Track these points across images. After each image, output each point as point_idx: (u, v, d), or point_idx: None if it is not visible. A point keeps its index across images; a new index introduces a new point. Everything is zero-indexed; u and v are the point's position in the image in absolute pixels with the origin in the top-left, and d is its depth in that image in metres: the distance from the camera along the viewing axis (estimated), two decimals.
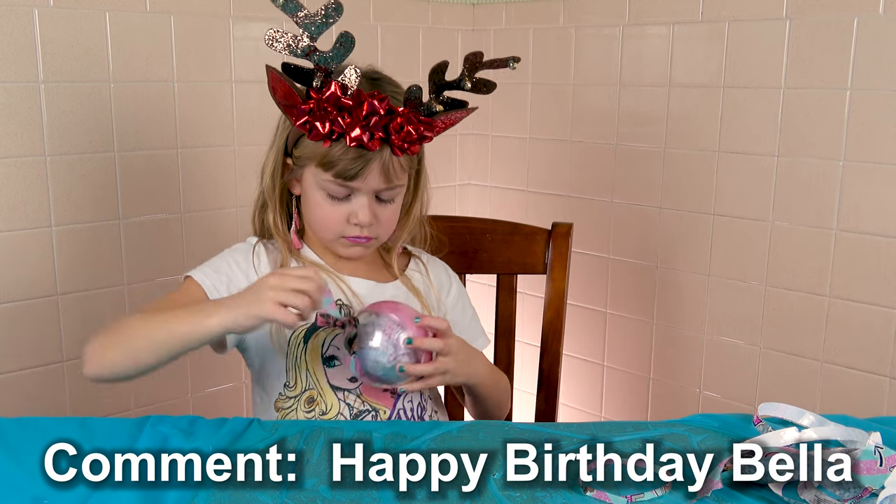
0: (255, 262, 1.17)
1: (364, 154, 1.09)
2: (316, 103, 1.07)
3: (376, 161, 1.09)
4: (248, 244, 1.21)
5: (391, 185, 1.13)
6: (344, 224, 1.14)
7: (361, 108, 1.07)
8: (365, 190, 1.12)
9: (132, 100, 1.61)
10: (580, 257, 2.01)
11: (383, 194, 1.14)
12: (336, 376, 1.16)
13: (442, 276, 1.30)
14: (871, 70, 1.52)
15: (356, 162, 1.09)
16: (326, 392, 1.15)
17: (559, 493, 0.84)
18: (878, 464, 0.84)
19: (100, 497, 0.83)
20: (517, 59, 1.11)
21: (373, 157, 1.09)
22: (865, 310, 1.58)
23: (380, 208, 1.15)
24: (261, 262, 1.17)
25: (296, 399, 1.16)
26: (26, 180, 1.51)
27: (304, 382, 1.16)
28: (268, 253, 1.19)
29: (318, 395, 1.15)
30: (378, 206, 1.15)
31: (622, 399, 2.02)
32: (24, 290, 1.53)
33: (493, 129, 2.19)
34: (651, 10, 1.83)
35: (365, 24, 1.93)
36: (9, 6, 1.45)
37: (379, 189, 1.13)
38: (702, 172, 1.78)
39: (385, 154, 1.10)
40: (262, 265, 1.17)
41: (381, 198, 1.14)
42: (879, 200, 1.54)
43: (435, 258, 1.32)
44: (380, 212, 1.15)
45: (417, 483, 0.86)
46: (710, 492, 0.81)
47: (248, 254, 1.18)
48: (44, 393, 1.57)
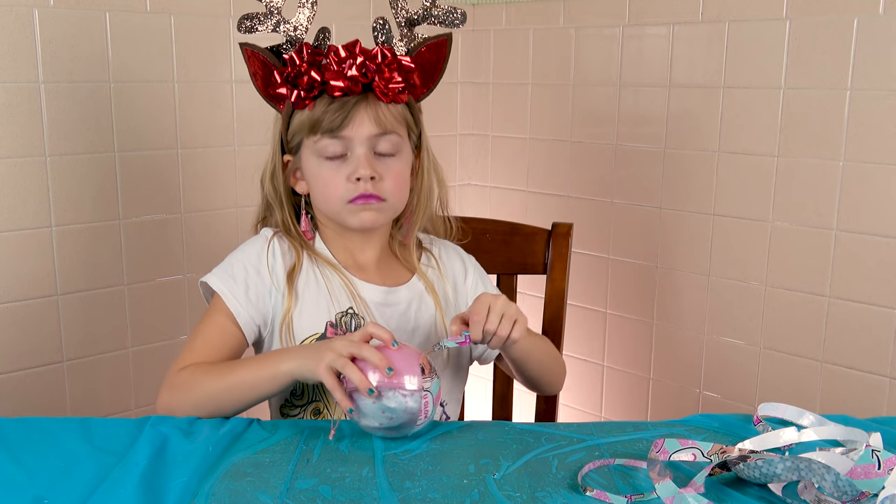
0: (270, 259, 1.15)
1: (346, 102, 1.08)
2: (290, 65, 1.09)
3: (361, 106, 1.09)
4: (262, 238, 1.18)
5: (384, 131, 1.10)
6: (346, 185, 1.11)
7: (335, 57, 1.08)
8: (358, 139, 1.10)
9: (132, 100, 1.61)
10: (580, 257, 2.01)
11: (380, 146, 1.11)
12: None
13: (455, 263, 1.27)
14: (871, 70, 1.52)
15: (340, 111, 1.08)
16: (332, 405, 1.15)
17: (559, 493, 0.84)
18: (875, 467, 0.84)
19: (100, 497, 0.83)
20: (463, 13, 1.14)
21: (357, 103, 1.09)
22: (865, 310, 1.58)
23: (380, 163, 1.12)
24: (276, 260, 1.15)
25: (302, 409, 1.16)
26: (26, 180, 1.51)
27: (310, 394, 1.15)
28: (283, 250, 1.16)
29: (324, 408, 1.15)
30: (378, 160, 1.12)
31: (622, 399, 2.02)
32: (24, 290, 1.53)
33: (493, 129, 2.19)
34: (651, 10, 1.83)
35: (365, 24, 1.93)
36: (9, 6, 1.45)
37: (372, 136, 1.10)
38: (702, 172, 1.78)
39: (370, 99, 1.09)
40: (277, 262, 1.15)
41: (379, 151, 1.12)
42: (879, 200, 1.54)
43: (447, 243, 1.28)
44: (381, 167, 1.12)
45: (418, 483, 0.86)
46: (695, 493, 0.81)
47: (263, 250, 1.16)
48: (44, 393, 1.57)
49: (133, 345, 1.68)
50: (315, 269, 1.16)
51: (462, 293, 1.25)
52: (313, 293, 1.15)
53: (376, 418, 0.94)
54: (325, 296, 1.15)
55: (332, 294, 1.15)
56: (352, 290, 1.16)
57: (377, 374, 0.94)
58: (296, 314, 1.13)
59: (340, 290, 1.15)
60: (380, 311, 1.16)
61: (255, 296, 1.12)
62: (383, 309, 1.17)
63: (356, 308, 1.15)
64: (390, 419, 0.94)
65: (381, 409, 0.94)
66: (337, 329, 1.14)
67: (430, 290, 1.21)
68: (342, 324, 1.14)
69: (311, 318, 1.14)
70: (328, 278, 1.16)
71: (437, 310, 1.20)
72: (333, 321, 1.14)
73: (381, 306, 1.17)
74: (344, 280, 1.16)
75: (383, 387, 0.93)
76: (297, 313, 1.13)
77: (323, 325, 1.14)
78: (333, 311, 1.14)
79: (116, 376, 1.66)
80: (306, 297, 1.14)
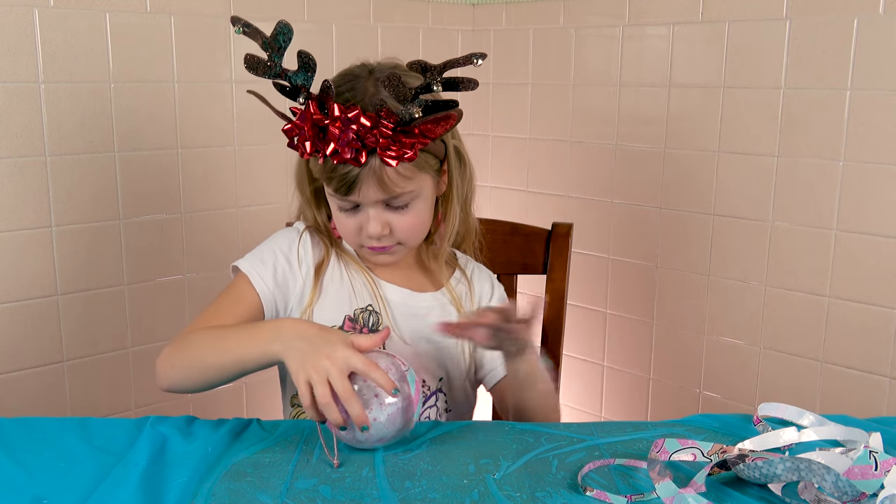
0: (301, 251, 1.16)
1: (352, 169, 1.04)
2: (293, 124, 1.05)
3: (366, 173, 1.04)
4: (294, 230, 1.19)
5: (393, 195, 1.07)
6: (359, 235, 1.11)
7: (335, 124, 1.02)
8: (367, 202, 1.08)
9: (132, 100, 1.61)
10: (580, 257, 2.01)
11: (392, 203, 1.09)
12: None
13: (485, 286, 1.26)
14: (871, 70, 1.52)
15: (346, 178, 1.05)
16: None
17: (559, 493, 0.84)
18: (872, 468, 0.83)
19: (99, 497, 0.83)
20: (482, 55, 1.00)
21: (361, 171, 1.04)
22: (865, 310, 1.58)
23: (394, 216, 1.10)
24: (306, 252, 1.16)
25: None
26: (26, 180, 1.51)
27: None
28: (313, 244, 1.17)
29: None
30: (391, 214, 1.10)
31: (622, 399, 2.02)
32: (24, 290, 1.53)
33: (493, 129, 2.19)
34: (651, 11, 1.83)
35: (365, 24, 1.93)
36: (9, 6, 1.45)
37: (380, 200, 1.08)
38: (702, 172, 1.78)
39: (375, 165, 1.04)
40: (307, 254, 1.16)
41: (391, 205, 1.09)
42: (879, 200, 1.54)
43: (482, 267, 1.28)
44: (394, 220, 1.10)
45: (417, 483, 0.86)
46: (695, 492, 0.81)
47: (294, 239, 1.17)
48: (44, 393, 1.57)
49: (133, 345, 1.68)
50: (341, 265, 1.18)
51: None
52: (336, 288, 1.16)
53: (368, 441, 0.92)
54: (347, 291, 1.16)
55: (355, 290, 1.16)
56: (374, 289, 1.16)
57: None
58: (317, 307, 1.14)
59: (363, 288, 1.16)
60: (399, 311, 1.16)
61: (281, 279, 1.13)
62: (403, 310, 1.16)
63: (376, 306, 1.16)
64: (381, 440, 0.92)
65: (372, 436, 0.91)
66: (355, 324, 1.14)
67: (456, 305, 1.20)
68: (360, 319, 1.15)
69: (331, 311, 1.14)
70: (353, 275, 1.17)
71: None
72: (352, 315, 1.15)
73: (401, 307, 1.16)
74: (368, 279, 1.17)
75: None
76: (318, 306, 1.14)
77: (341, 318, 1.14)
78: (354, 306, 1.15)
79: (116, 376, 1.66)
80: (329, 291, 1.15)
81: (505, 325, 1.00)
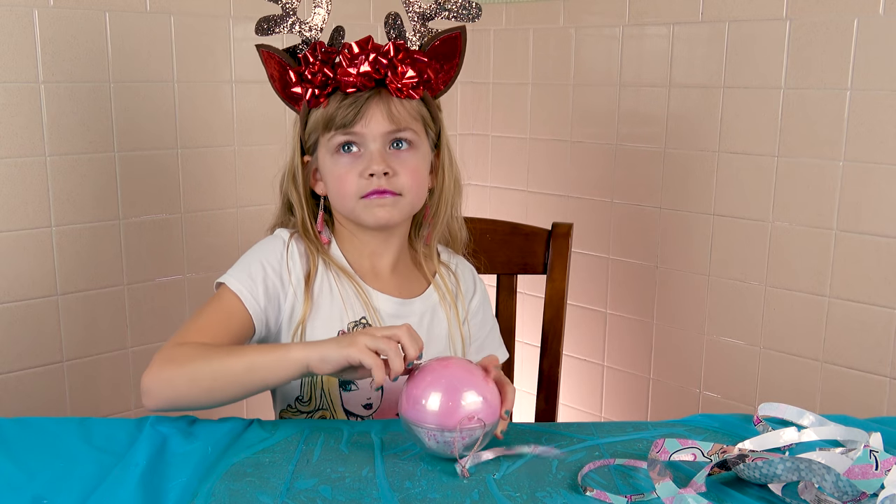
0: (290, 262, 1.13)
1: (359, 98, 1.08)
2: (304, 63, 1.09)
3: (373, 102, 1.08)
4: (279, 239, 1.16)
5: (398, 128, 1.09)
6: (360, 181, 1.10)
7: (347, 53, 1.07)
8: (371, 135, 1.09)
9: (132, 100, 1.61)
10: (580, 257, 2.01)
11: (397, 136, 1.10)
12: (351, 401, 1.15)
13: (468, 282, 1.26)
14: (871, 70, 1.52)
15: (352, 106, 1.08)
16: (339, 415, 1.14)
17: (559, 493, 0.84)
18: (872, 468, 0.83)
19: (99, 497, 0.83)
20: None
21: (369, 98, 1.08)
22: (865, 310, 1.58)
23: (395, 158, 1.10)
24: (294, 263, 1.13)
25: (308, 415, 1.15)
26: (26, 180, 1.51)
27: (317, 401, 1.14)
28: (300, 253, 1.14)
29: (330, 417, 1.14)
30: (393, 156, 1.10)
31: (622, 399, 2.02)
32: (24, 290, 1.53)
33: (493, 129, 2.19)
34: (651, 11, 1.83)
35: (365, 24, 1.93)
36: (9, 6, 1.45)
37: (385, 132, 1.09)
38: (702, 172, 1.78)
39: (383, 95, 1.08)
40: (296, 265, 1.13)
41: (394, 147, 1.11)
42: (879, 200, 1.54)
43: (464, 261, 1.28)
44: (396, 162, 1.10)
45: (417, 483, 0.86)
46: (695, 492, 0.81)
47: (282, 252, 1.14)
48: (44, 393, 1.57)
49: (133, 345, 1.68)
50: (329, 275, 1.15)
51: (465, 311, 1.24)
52: (327, 300, 1.14)
53: (441, 449, 0.91)
54: (339, 303, 1.14)
55: (347, 302, 1.14)
56: (366, 300, 1.15)
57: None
58: (309, 320, 1.12)
59: (355, 299, 1.15)
60: (392, 321, 1.15)
61: (273, 294, 1.11)
62: (395, 321, 1.15)
63: (369, 318, 1.14)
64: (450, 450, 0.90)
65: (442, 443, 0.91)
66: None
67: (443, 304, 1.20)
68: (354, 333, 1.14)
69: (324, 325, 1.13)
70: (342, 286, 1.15)
71: (449, 324, 1.20)
72: (346, 330, 1.14)
73: (393, 318, 1.16)
74: (357, 289, 1.15)
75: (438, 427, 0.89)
76: (311, 320, 1.12)
77: (335, 333, 1.13)
78: (347, 320, 1.14)
79: (116, 376, 1.66)
80: (321, 303, 1.13)
81: None
